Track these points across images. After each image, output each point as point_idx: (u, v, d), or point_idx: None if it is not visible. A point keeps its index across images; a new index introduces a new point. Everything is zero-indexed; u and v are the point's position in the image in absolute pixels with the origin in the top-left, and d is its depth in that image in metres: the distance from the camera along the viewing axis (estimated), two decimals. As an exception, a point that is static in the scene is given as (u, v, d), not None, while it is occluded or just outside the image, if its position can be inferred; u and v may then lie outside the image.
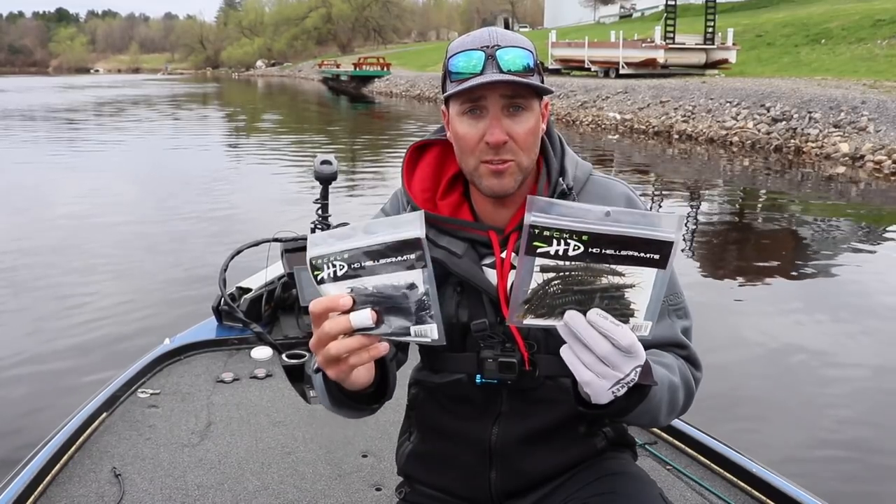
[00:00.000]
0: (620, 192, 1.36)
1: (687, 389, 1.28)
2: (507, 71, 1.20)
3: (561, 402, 1.31)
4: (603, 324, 0.94)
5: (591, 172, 1.38)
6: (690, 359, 1.33)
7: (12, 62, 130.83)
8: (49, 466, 2.21)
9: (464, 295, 1.33)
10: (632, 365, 0.97)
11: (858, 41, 23.12)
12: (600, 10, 61.67)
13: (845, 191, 11.55)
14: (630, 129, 19.42)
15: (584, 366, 0.98)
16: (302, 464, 2.39)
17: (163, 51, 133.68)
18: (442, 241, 1.33)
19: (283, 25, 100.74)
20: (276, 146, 17.81)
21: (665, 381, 1.19)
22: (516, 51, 1.22)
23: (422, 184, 1.38)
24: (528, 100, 1.23)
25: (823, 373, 4.59)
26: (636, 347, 0.96)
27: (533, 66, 1.23)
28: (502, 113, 1.22)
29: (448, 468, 1.42)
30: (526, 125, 1.23)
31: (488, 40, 1.23)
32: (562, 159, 1.35)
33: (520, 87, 1.21)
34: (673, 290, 1.34)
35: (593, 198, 1.33)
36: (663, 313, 1.32)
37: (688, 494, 2.20)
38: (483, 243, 1.33)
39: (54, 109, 29.90)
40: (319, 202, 4.00)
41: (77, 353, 4.80)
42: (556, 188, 1.31)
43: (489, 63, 1.21)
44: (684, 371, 1.29)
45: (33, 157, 15.28)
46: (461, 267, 1.31)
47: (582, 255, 0.90)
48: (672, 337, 1.32)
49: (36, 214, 9.61)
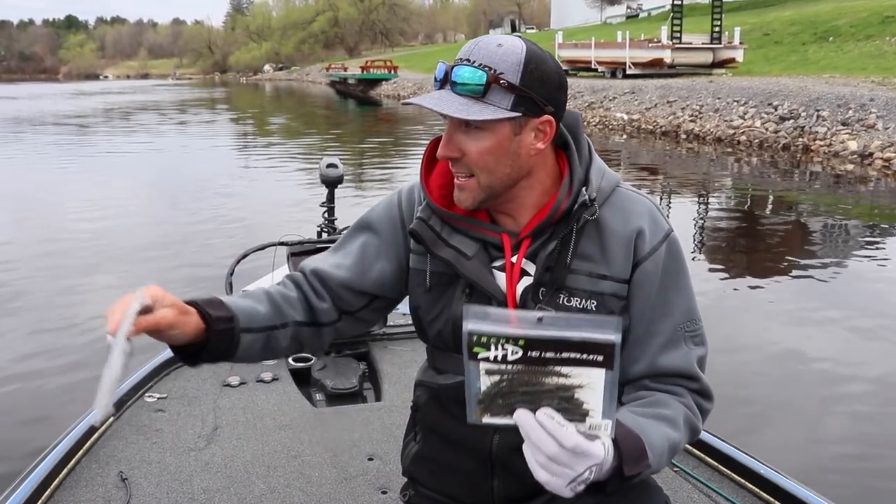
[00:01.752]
0: (645, 207, 1.33)
1: (691, 433, 1.29)
2: (460, 88, 1.20)
3: None
4: (549, 424, 0.95)
5: (619, 184, 1.35)
6: (702, 392, 1.32)
7: (23, 69, 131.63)
8: (56, 471, 2.22)
9: (472, 297, 1.32)
10: (585, 465, 0.98)
11: (867, 38, 23.00)
12: (607, 10, 61.58)
13: (854, 189, 11.50)
14: (637, 130, 19.39)
15: (538, 464, 0.99)
16: (308, 467, 2.39)
17: (171, 56, 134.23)
18: (454, 241, 1.32)
19: (290, 29, 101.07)
20: (283, 149, 17.87)
21: (664, 446, 1.19)
22: (472, 71, 1.20)
23: (440, 179, 1.37)
24: (481, 122, 1.22)
25: (833, 373, 4.57)
26: (583, 448, 0.96)
27: (484, 87, 1.19)
28: (457, 129, 1.24)
29: (451, 473, 1.41)
30: (479, 145, 1.23)
31: (466, 52, 1.23)
32: (587, 168, 1.32)
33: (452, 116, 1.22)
34: (691, 316, 1.32)
35: (617, 210, 1.31)
36: (679, 340, 1.31)
37: (695, 496, 2.19)
38: (495, 245, 1.32)
39: (65, 116, 30.08)
40: (326, 205, 4.00)
41: (84, 358, 4.82)
42: (577, 198, 1.28)
43: (447, 78, 1.23)
44: (689, 416, 1.28)
45: (43, 163, 15.38)
46: (469, 269, 1.30)
47: (522, 359, 0.91)
48: (686, 369, 1.30)
49: (44, 219, 9.68)
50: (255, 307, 1.31)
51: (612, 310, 1.29)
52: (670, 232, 1.33)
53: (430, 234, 1.33)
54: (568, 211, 1.28)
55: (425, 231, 1.33)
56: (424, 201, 1.36)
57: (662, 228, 1.32)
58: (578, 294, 1.29)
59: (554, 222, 1.29)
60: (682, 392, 1.30)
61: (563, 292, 1.29)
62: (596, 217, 1.27)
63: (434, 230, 1.33)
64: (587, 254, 1.29)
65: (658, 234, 1.31)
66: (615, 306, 1.30)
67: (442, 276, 1.35)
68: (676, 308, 1.31)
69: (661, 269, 1.30)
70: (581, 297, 1.29)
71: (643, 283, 1.30)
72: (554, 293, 1.29)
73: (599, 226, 1.29)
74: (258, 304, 1.32)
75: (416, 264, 1.38)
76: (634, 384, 1.34)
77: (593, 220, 1.28)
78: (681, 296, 1.32)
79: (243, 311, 1.28)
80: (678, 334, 1.31)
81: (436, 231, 1.33)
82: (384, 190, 11.04)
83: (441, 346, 1.40)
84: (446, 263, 1.32)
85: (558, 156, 1.34)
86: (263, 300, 1.33)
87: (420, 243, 1.34)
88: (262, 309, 1.32)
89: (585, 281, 1.29)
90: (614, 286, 1.29)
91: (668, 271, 1.31)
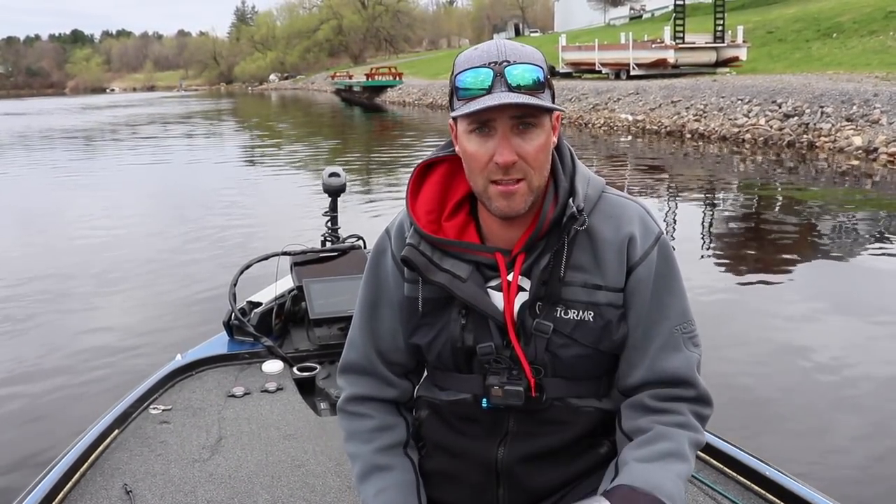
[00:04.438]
0: (634, 212, 1.32)
1: (696, 450, 1.30)
2: (515, 87, 1.17)
3: (569, 422, 1.31)
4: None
5: (604, 189, 1.34)
6: (700, 399, 1.32)
7: (30, 84, 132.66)
8: (61, 483, 2.23)
9: (469, 318, 1.31)
10: None
11: (870, 34, 22.89)
12: (610, 12, 61.52)
13: (860, 184, 11.44)
14: (642, 130, 19.36)
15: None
16: (312, 476, 2.39)
17: (177, 68, 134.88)
18: (446, 265, 1.31)
19: (294, 38, 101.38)
20: (288, 159, 17.92)
21: (678, 485, 1.23)
22: (525, 67, 1.18)
23: (427, 205, 1.35)
24: (538, 117, 1.20)
25: (839, 373, 4.53)
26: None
27: (543, 81, 1.20)
28: (511, 132, 1.19)
29: (456, 485, 1.41)
30: (536, 143, 1.20)
31: (496, 55, 1.19)
32: (572, 177, 1.30)
33: (528, 106, 1.18)
34: (686, 317, 1.32)
35: (606, 218, 1.30)
36: (678, 342, 1.31)
37: (700, 499, 2.18)
38: (489, 265, 1.31)
39: (73, 130, 30.26)
40: (329, 214, 4.01)
41: (89, 370, 4.85)
42: (564, 210, 1.26)
43: (497, 81, 1.18)
44: (692, 438, 1.29)
45: (49, 176, 15.47)
46: (465, 292, 1.29)
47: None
48: (685, 374, 1.30)
49: (50, 232, 9.75)
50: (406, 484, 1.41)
51: (609, 319, 1.29)
52: (661, 235, 1.32)
53: (423, 260, 1.31)
54: (556, 222, 1.27)
55: (417, 257, 1.31)
56: (412, 227, 1.34)
57: (653, 232, 1.31)
58: (575, 306, 1.28)
59: (543, 235, 1.28)
60: (680, 409, 1.31)
61: (560, 305, 1.28)
62: (586, 226, 1.26)
63: (425, 255, 1.32)
64: (580, 264, 1.28)
65: (649, 238, 1.30)
66: (612, 315, 1.29)
67: (436, 302, 1.34)
68: (672, 310, 1.31)
69: (655, 273, 1.30)
70: (578, 309, 1.28)
71: (638, 289, 1.29)
72: (551, 307, 1.28)
73: (591, 234, 1.29)
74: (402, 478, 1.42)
75: (409, 292, 1.37)
76: (633, 403, 1.34)
77: (584, 230, 1.27)
78: (675, 297, 1.32)
79: None
80: (675, 336, 1.31)
81: (427, 256, 1.32)
82: (388, 198, 11.05)
83: (441, 367, 1.39)
84: (441, 288, 1.31)
85: None
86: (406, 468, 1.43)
87: (413, 270, 1.33)
88: (408, 477, 1.42)
89: (581, 292, 1.28)
90: (610, 296, 1.29)
91: (660, 274, 1.31)
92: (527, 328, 1.29)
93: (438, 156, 1.38)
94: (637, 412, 1.32)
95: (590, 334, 1.29)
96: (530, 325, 1.28)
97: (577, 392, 1.34)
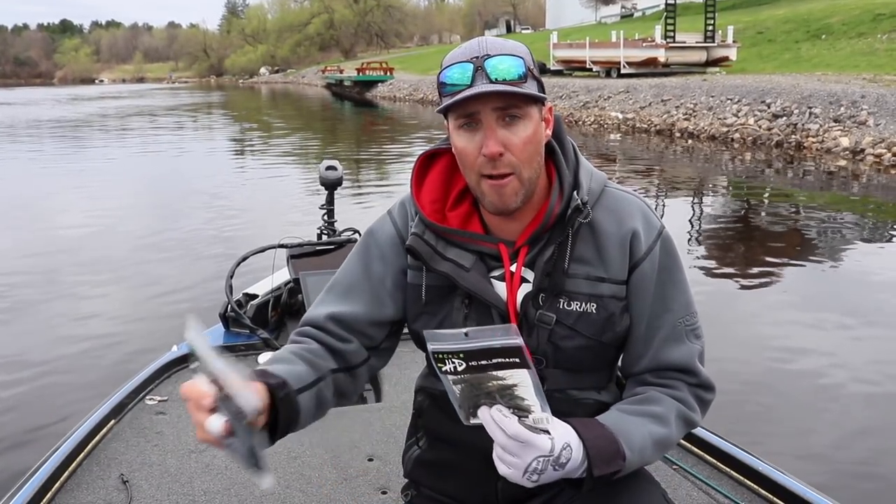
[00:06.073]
0: (636, 207, 1.33)
1: (685, 426, 1.32)
2: (497, 80, 1.19)
3: (569, 413, 1.32)
4: (496, 416, 1.11)
5: (606, 184, 1.35)
6: (701, 385, 1.34)
7: (18, 74, 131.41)
8: (57, 473, 2.23)
9: (472, 307, 1.32)
10: (531, 454, 1.10)
11: (859, 36, 23.03)
12: (601, 10, 61.58)
13: (847, 185, 11.54)
14: (632, 128, 19.43)
15: (496, 457, 1.13)
16: (308, 468, 2.40)
17: (167, 60, 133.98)
18: (450, 254, 1.32)
19: (285, 32, 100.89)
20: (280, 152, 17.87)
21: (646, 443, 1.24)
22: (506, 59, 1.20)
23: (431, 194, 1.36)
24: (523, 108, 1.21)
25: (831, 371, 4.58)
26: (524, 436, 1.10)
27: (525, 73, 1.21)
28: (497, 124, 1.21)
29: (455, 475, 1.42)
30: (522, 134, 1.21)
31: (477, 50, 1.22)
32: (576, 171, 1.32)
33: (510, 97, 1.19)
34: (689, 310, 1.34)
35: (609, 212, 1.31)
36: (681, 334, 1.33)
37: (694, 494, 2.20)
38: (493, 256, 1.32)
39: (61, 121, 30.02)
40: (325, 207, 4.01)
41: (85, 361, 4.84)
42: (569, 203, 1.28)
43: (478, 74, 1.19)
44: (682, 411, 1.30)
45: (41, 169, 15.36)
46: (468, 281, 1.30)
47: (468, 369, 1.09)
48: (687, 363, 1.32)
49: (44, 224, 9.68)
50: (293, 367, 1.24)
51: (612, 311, 1.30)
52: (663, 229, 1.34)
53: (427, 249, 1.32)
54: (561, 216, 1.29)
55: (421, 246, 1.32)
56: (417, 216, 1.35)
57: (655, 227, 1.33)
58: (578, 298, 1.30)
59: (549, 228, 1.29)
60: (679, 386, 1.32)
61: (563, 297, 1.29)
62: (589, 220, 1.28)
63: (430, 244, 1.33)
64: (584, 257, 1.30)
65: (652, 233, 1.32)
66: (615, 307, 1.31)
67: (439, 290, 1.35)
68: (675, 303, 1.33)
69: (658, 268, 1.31)
70: (581, 301, 1.30)
71: (642, 284, 1.31)
72: (554, 299, 1.29)
73: (593, 228, 1.30)
74: (293, 364, 1.25)
75: (413, 279, 1.37)
76: (636, 378, 1.36)
77: (587, 223, 1.29)
78: (678, 290, 1.34)
79: (288, 374, 1.20)
80: (679, 328, 1.33)
81: (431, 245, 1.33)
82: (383, 191, 11.04)
83: None
84: (445, 276, 1.32)
85: (545, 161, 1.33)
86: (294, 359, 1.27)
87: (417, 259, 1.34)
88: (300, 367, 1.25)
89: (584, 284, 1.30)
90: (613, 288, 1.30)
91: (664, 268, 1.32)
92: (529, 319, 1.30)
93: (441, 147, 1.40)
94: (637, 384, 1.35)
95: (592, 326, 1.30)
96: (533, 315, 1.29)
97: (578, 384, 1.35)
